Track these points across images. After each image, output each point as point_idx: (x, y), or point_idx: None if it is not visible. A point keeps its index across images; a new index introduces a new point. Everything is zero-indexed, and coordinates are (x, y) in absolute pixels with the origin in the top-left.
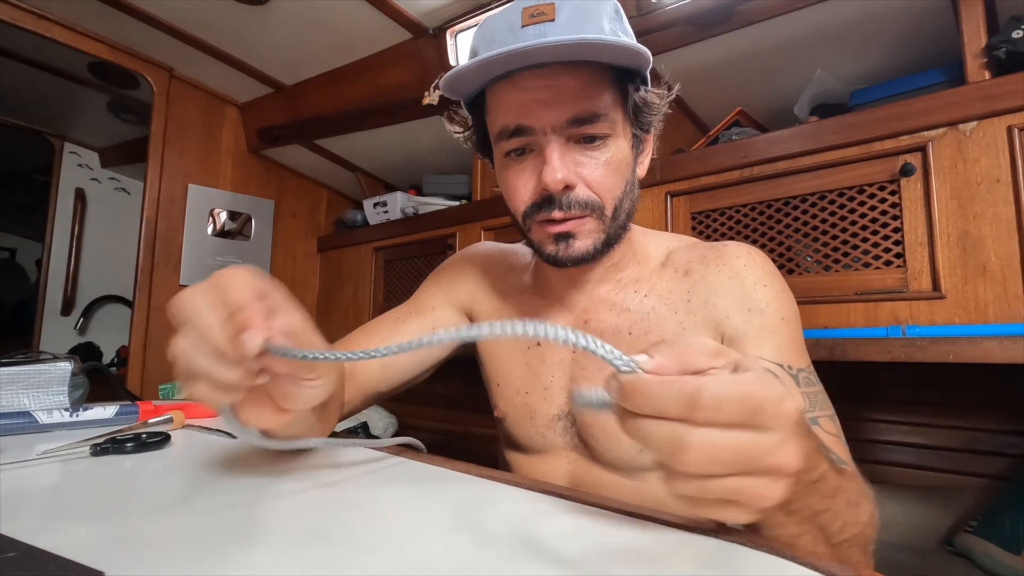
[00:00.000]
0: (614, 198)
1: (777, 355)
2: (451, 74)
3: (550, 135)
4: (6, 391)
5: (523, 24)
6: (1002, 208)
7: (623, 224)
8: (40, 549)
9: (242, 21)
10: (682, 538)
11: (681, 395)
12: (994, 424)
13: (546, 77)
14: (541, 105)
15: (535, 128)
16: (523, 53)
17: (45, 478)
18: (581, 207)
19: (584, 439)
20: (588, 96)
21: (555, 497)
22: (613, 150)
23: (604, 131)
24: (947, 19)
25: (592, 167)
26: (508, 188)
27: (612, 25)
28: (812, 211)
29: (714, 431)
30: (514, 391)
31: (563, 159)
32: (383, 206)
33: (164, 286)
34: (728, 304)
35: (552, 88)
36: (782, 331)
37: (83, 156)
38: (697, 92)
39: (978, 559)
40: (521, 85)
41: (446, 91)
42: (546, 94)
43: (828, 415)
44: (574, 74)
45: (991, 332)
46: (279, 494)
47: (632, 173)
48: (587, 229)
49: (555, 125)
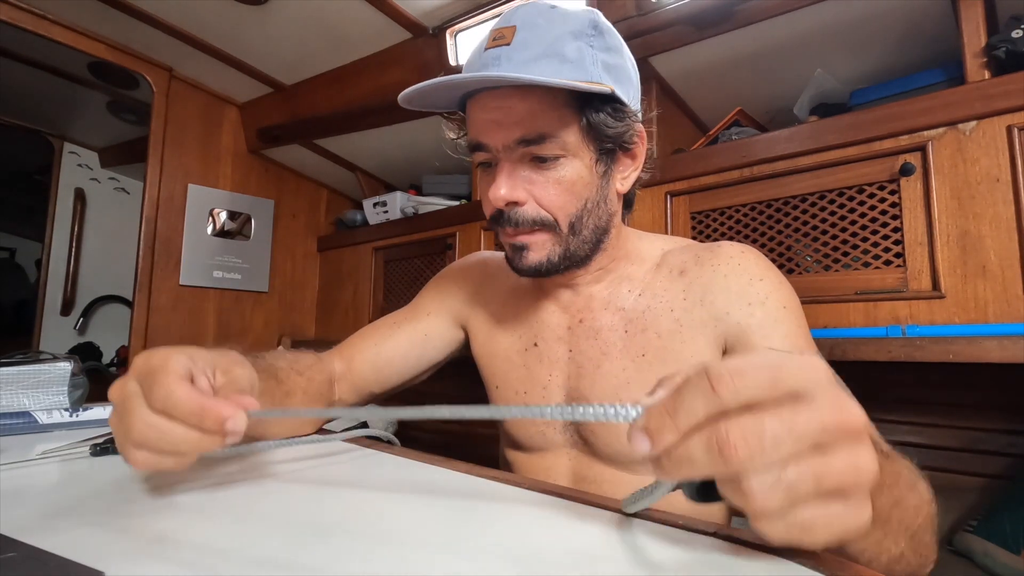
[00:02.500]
0: (568, 215)
1: (786, 342)
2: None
3: (501, 153)
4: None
5: (486, 47)
6: (1002, 208)
7: (589, 239)
8: (40, 549)
9: (242, 21)
10: (682, 538)
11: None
12: (994, 424)
13: (499, 98)
14: (493, 125)
15: (489, 145)
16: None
17: (45, 478)
18: (530, 223)
19: (584, 435)
20: (535, 118)
21: (554, 497)
22: (566, 169)
23: (554, 152)
24: (947, 19)
25: (543, 185)
26: (481, 197)
27: (579, 43)
28: (812, 211)
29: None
30: (513, 392)
31: (511, 177)
32: (383, 206)
33: (164, 286)
34: (726, 301)
35: (504, 109)
36: (787, 319)
37: (83, 156)
38: (697, 92)
39: (978, 559)
40: (481, 104)
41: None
42: (498, 115)
43: None
44: (523, 97)
45: (991, 332)
46: (279, 494)
47: (597, 191)
48: (539, 242)
49: (505, 144)
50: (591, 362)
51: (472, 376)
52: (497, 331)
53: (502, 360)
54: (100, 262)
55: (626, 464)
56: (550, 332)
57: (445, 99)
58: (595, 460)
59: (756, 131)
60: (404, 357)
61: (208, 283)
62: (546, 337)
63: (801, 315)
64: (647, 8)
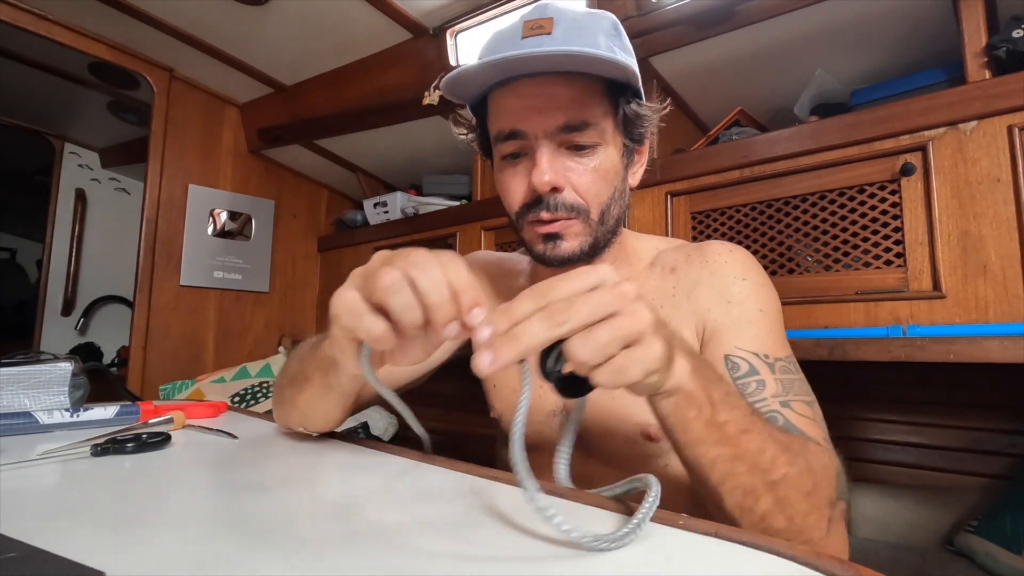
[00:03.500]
0: (600, 203)
1: (754, 344)
2: (452, 74)
3: (541, 140)
4: (7, 391)
5: (523, 36)
6: (1002, 207)
7: (612, 229)
8: (40, 549)
9: (242, 21)
10: (682, 538)
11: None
12: (994, 424)
13: (540, 85)
14: (534, 111)
15: (528, 132)
16: (519, 60)
17: (45, 478)
18: (567, 209)
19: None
20: (578, 105)
21: (554, 497)
22: (602, 158)
23: (593, 139)
24: (947, 19)
25: (580, 172)
26: (504, 189)
27: (608, 41)
28: (812, 211)
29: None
30: (510, 390)
31: (552, 163)
32: (383, 206)
33: (164, 286)
34: (708, 297)
35: (545, 96)
36: (760, 322)
37: (83, 156)
38: (697, 92)
39: (979, 559)
40: (518, 91)
41: (446, 91)
42: (539, 101)
43: (803, 400)
44: (567, 84)
45: (991, 332)
46: (280, 494)
47: (622, 182)
48: (574, 231)
49: (546, 130)
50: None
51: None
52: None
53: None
54: (101, 262)
55: (619, 464)
56: None
57: (478, 86)
58: (590, 459)
59: (756, 131)
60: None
61: (209, 283)
62: None
63: (777, 319)
64: (647, 8)
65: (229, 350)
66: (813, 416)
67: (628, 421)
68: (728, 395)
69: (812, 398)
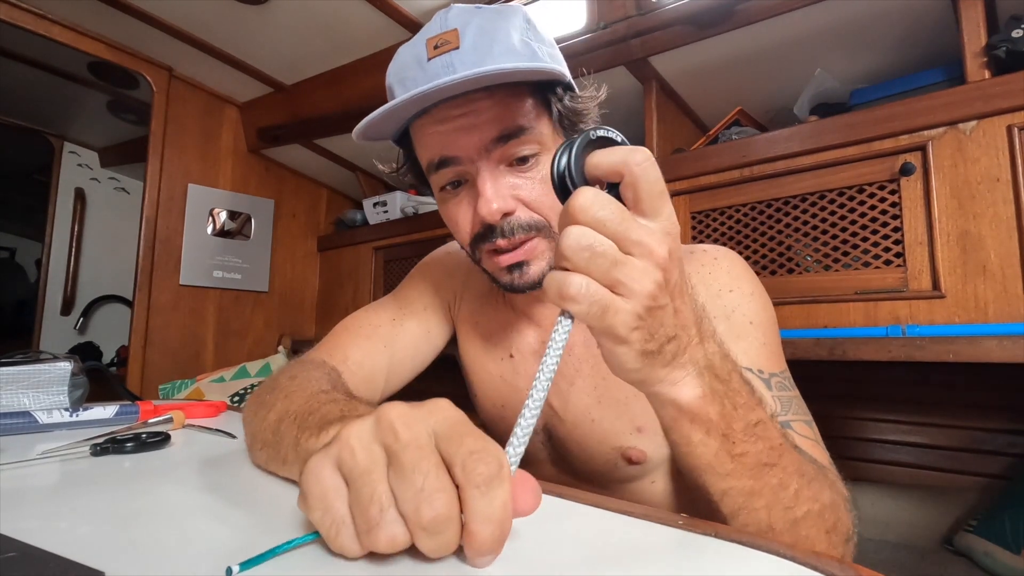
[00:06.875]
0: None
1: (744, 360)
2: (361, 125)
3: (478, 162)
4: (6, 391)
5: (429, 57)
6: (1002, 207)
7: None
8: (40, 549)
9: (242, 21)
10: (682, 538)
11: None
12: (994, 424)
13: (462, 105)
14: (462, 132)
15: (461, 157)
16: (427, 96)
17: (45, 478)
18: (525, 230)
19: (561, 454)
20: (508, 112)
21: (553, 497)
22: (546, 166)
23: (532, 147)
24: (947, 19)
25: (529, 187)
26: (450, 223)
27: (523, 36)
28: (812, 211)
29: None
30: (491, 404)
31: (496, 186)
32: (383, 206)
33: (164, 286)
34: None
35: (470, 114)
36: (750, 335)
37: (83, 156)
38: (697, 92)
39: (978, 558)
40: (439, 117)
41: (359, 140)
42: (465, 121)
43: (803, 420)
44: (489, 96)
45: (991, 331)
46: (280, 494)
47: None
48: (539, 251)
49: (480, 149)
50: (565, 380)
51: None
52: (475, 336)
53: (479, 371)
54: (100, 262)
55: (603, 484)
56: (526, 346)
57: (395, 125)
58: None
59: (756, 131)
60: (412, 358)
61: (208, 283)
62: (522, 351)
63: (770, 329)
64: (647, 8)
65: (228, 350)
66: (815, 437)
67: (607, 444)
68: (757, 425)
69: (810, 417)
